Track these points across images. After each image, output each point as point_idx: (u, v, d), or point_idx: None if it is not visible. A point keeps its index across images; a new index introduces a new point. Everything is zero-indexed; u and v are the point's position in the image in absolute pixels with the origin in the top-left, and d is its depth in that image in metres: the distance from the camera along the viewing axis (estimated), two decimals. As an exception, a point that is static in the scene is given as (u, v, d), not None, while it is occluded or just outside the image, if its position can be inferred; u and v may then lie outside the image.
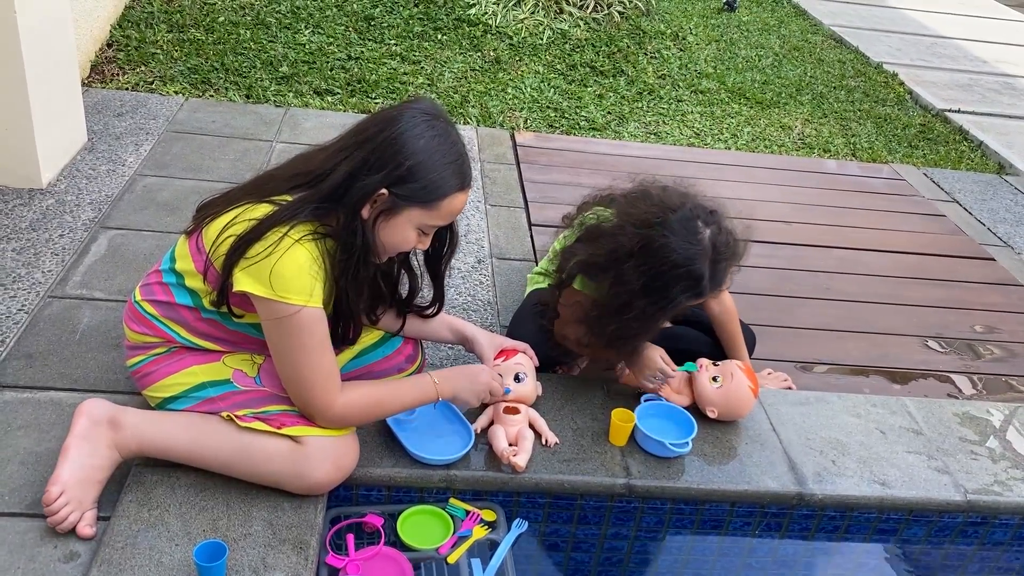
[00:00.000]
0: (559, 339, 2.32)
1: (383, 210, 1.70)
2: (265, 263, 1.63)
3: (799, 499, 2.09)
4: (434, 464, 1.96)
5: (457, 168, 1.72)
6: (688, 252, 1.96)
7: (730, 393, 2.19)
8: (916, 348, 2.85)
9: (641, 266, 1.99)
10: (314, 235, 1.69)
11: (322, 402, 1.72)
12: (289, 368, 1.71)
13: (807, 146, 4.64)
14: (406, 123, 1.68)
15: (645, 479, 2.04)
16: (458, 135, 1.76)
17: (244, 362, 1.84)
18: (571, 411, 2.22)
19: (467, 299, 2.74)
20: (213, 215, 1.76)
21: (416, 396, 1.87)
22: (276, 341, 1.70)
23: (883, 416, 2.38)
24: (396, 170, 1.66)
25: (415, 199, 1.70)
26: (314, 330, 1.68)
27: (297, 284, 1.64)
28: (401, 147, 1.66)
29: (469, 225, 3.18)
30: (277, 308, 1.65)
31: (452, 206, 1.74)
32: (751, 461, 2.14)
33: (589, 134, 4.31)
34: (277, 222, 1.66)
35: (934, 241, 3.61)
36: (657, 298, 2.00)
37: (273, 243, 1.64)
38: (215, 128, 3.62)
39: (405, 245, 1.78)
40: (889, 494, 2.11)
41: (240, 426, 1.74)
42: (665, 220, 2.00)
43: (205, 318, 1.80)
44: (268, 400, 1.78)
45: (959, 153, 4.80)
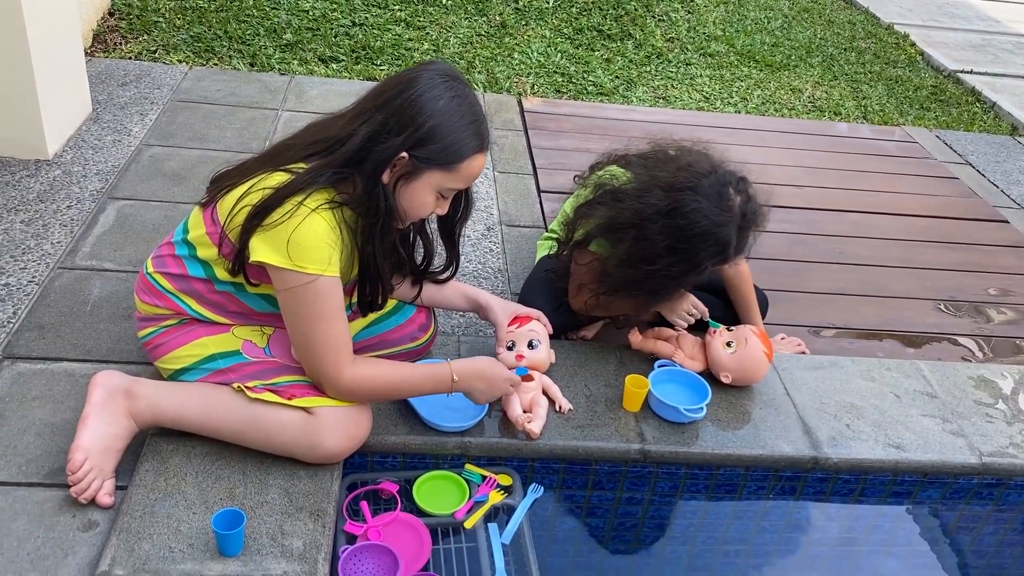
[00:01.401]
0: (572, 303, 2.30)
1: (403, 174, 1.68)
2: (282, 232, 1.62)
3: (814, 463, 2.08)
4: (449, 431, 1.96)
5: (476, 129, 1.70)
6: (719, 219, 1.96)
7: (744, 358, 2.18)
8: (930, 312, 2.83)
9: (669, 227, 1.98)
10: (331, 204, 1.67)
11: (332, 371, 1.71)
12: (301, 336, 1.70)
13: (817, 109, 4.58)
14: (424, 85, 1.66)
15: (659, 444, 2.04)
16: (475, 97, 1.74)
17: (253, 333, 1.83)
18: (585, 377, 2.21)
19: (477, 267, 2.72)
20: (229, 187, 1.75)
21: (430, 387, 1.86)
22: (291, 309, 1.69)
23: (897, 380, 2.37)
24: (416, 132, 1.64)
25: (435, 161, 1.68)
26: (329, 299, 1.67)
27: (314, 253, 1.63)
28: (420, 109, 1.64)
29: (478, 192, 3.16)
30: (293, 277, 1.64)
31: (472, 168, 1.72)
32: (765, 426, 2.14)
33: (597, 99, 4.26)
34: (293, 191, 1.65)
35: (947, 204, 3.58)
36: (681, 259, 2.00)
37: (289, 212, 1.62)
38: (220, 97, 3.59)
39: (424, 210, 1.76)
40: (904, 457, 2.11)
41: (250, 397, 1.74)
42: (697, 185, 1.99)
43: (218, 290, 1.79)
44: (278, 371, 1.78)
45: (972, 115, 4.74)
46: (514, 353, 2.09)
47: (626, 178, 2.16)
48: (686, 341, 2.26)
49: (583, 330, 2.44)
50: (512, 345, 2.11)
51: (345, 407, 1.77)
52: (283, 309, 1.70)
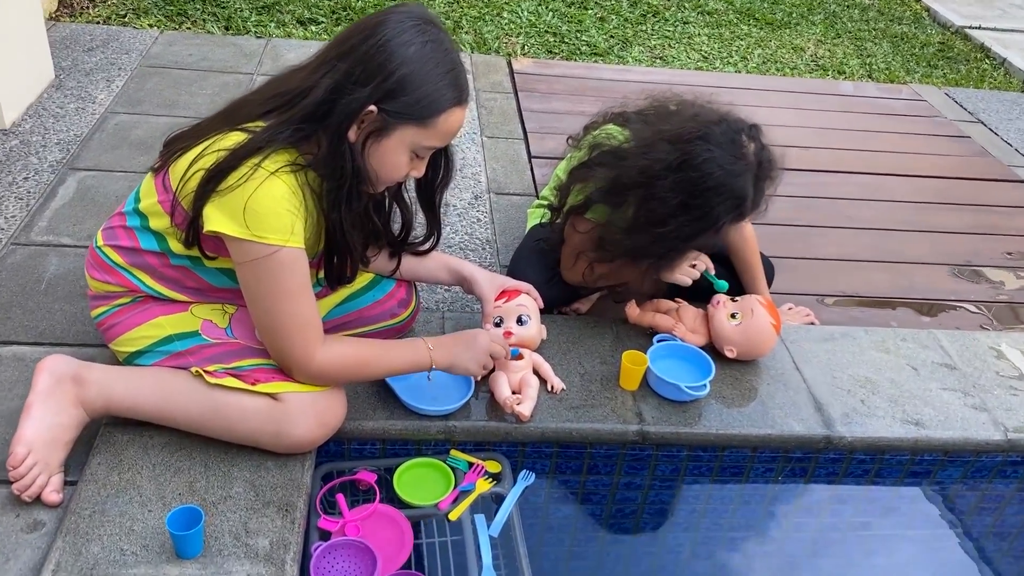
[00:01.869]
0: (565, 274, 2.14)
1: (372, 130, 1.50)
2: (237, 198, 1.45)
3: (827, 443, 1.93)
4: (432, 415, 1.80)
5: (453, 79, 1.52)
6: (734, 168, 1.80)
7: (750, 330, 2.02)
8: (944, 277, 2.67)
9: (681, 181, 1.82)
10: (293, 166, 1.50)
11: (301, 353, 1.55)
12: (264, 315, 1.54)
13: (821, 68, 4.39)
14: (393, 29, 1.47)
15: (659, 425, 1.88)
16: (451, 43, 1.55)
17: (214, 312, 1.67)
18: (578, 354, 2.05)
19: (464, 238, 2.56)
20: (181, 150, 1.57)
21: (407, 361, 1.70)
22: (251, 285, 1.53)
23: (914, 351, 2.22)
24: (385, 82, 1.46)
25: (408, 116, 1.50)
26: (293, 272, 1.51)
27: (274, 221, 1.46)
28: (389, 56, 1.46)
29: (465, 158, 2.98)
30: (252, 249, 1.47)
31: (449, 123, 1.54)
32: (774, 403, 1.98)
33: (590, 59, 4.06)
34: (250, 152, 1.47)
35: (959, 164, 3.40)
36: (695, 217, 1.84)
37: (246, 175, 1.45)
38: (191, 62, 3.40)
39: (397, 171, 1.58)
40: (924, 435, 1.96)
41: (210, 383, 1.58)
42: (708, 133, 1.82)
43: (174, 265, 1.63)
44: (241, 353, 1.62)
45: (981, 72, 4.55)
46: (502, 330, 1.94)
47: (624, 136, 1.99)
48: (687, 313, 2.10)
49: (577, 303, 2.28)
50: (500, 321, 1.95)
51: (315, 392, 1.61)
52: (243, 285, 1.54)
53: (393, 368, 1.71)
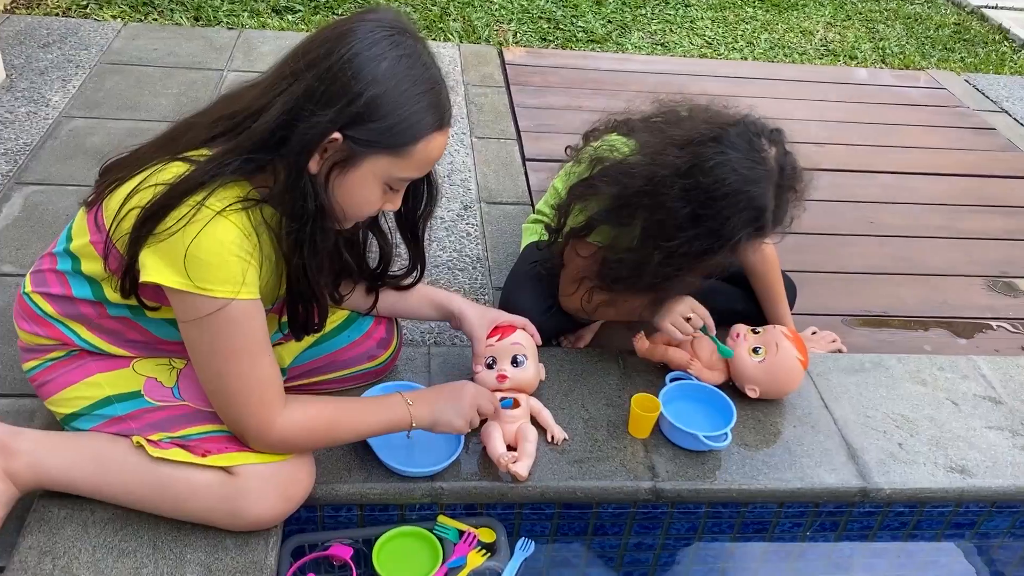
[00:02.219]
0: (562, 301, 1.91)
1: (337, 161, 1.26)
2: (177, 243, 1.22)
3: (862, 495, 1.72)
4: (416, 476, 1.58)
5: (433, 100, 1.28)
6: (752, 173, 1.56)
7: (775, 368, 1.80)
8: (979, 291, 2.44)
9: (691, 188, 1.58)
10: (244, 202, 1.27)
11: (257, 422, 1.33)
12: (214, 379, 1.31)
13: (831, 53, 4.14)
14: (361, 41, 1.23)
15: (675, 480, 1.66)
16: (431, 56, 1.31)
17: (159, 368, 1.44)
18: (581, 395, 1.83)
19: (452, 255, 2.32)
20: (117, 181, 1.33)
21: (383, 420, 1.47)
22: (197, 345, 1.30)
23: (953, 382, 2.00)
24: (351, 105, 1.22)
25: (379, 144, 1.26)
26: (246, 329, 1.28)
27: (222, 271, 1.23)
28: (356, 73, 1.22)
29: (453, 163, 2.74)
30: (197, 303, 1.24)
31: (428, 151, 1.31)
32: (802, 450, 1.76)
33: (588, 47, 3.81)
34: (192, 187, 1.24)
35: (986, 160, 3.17)
36: (708, 230, 1.59)
37: (187, 216, 1.22)
38: (156, 57, 3.13)
39: (368, 207, 1.35)
40: (971, 484, 1.74)
41: (152, 456, 1.35)
42: (722, 135, 1.59)
43: (112, 315, 1.39)
44: (189, 419, 1.39)
45: (1000, 55, 4.30)
46: (495, 372, 1.71)
47: (629, 148, 1.75)
48: (703, 347, 1.87)
49: (579, 332, 2.05)
50: (492, 362, 1.72)
51: (276, 462, 1.39)
52: (188, 344, 1.31)
53: (367, 430, 1.48)
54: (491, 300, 2.17)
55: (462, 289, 2.21)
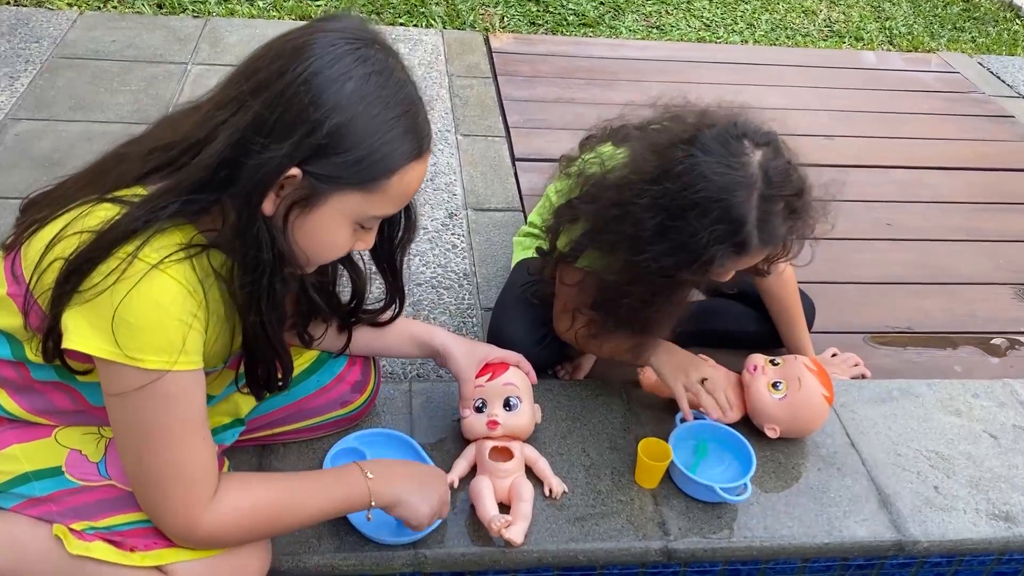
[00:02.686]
0: (557, 328, 1.72)
1: (297, 200, 1.06)
2: (105, 305, 1.01)
3: (897, 549, 1.54)
4: (394, 545, 1.39)
5: (409, 124, 1.07)
6: (725, 179, 1.33)
7: (797, 406, 1.61)
8: (1008, 301, 2.26)
9: (659, 198, 1.37)
10: (187, 248, 1.06)
11: (181, 518, 1.11)
12: (134, 463, 1.10)
13: (836, 34, 3.92)
14: (320, 57, 1.02)
15: (688, 538, 1.48)
16: (405, 71, 1.10)
17: (86, 438, 1.22)
18: (582, 438, 1.64)
19: (436, 272, 2.11)
20: (37, 223, 1.11)
21: (337, 501, 1.25)
22: (120, 422, 1.09)
23: (990, 411, 1.81)
24: (311, 136, 1.01)
25: (346, 179, 1.05)
26: (179, 406, 1.07)
27: (157, 337, 1.03)
28: (315, 97, 1.01)
29: (437, 165, 2.52)
30: (125, 375, 1.03)
31: (405, 185, 1.10)
32: (828, 497, 1.58)
33: (579, 31, 3.58)
34: (123, 235, 1.03)
35: (1007, 151, 2.97)
36: (677, 244, 1.37)
37: (117, 271, 1.01)
38: (115, 50, 2.90)
39: (336, 250, 1.15)
40: (1016, 534, 1.56)
41: (71, 553, 1.14)
42: (696, 137, 1.37)
43: (37, 379, 1.18)
44: (116, 504, 1.18)
45: (1012, 34, 4.09)
46: (485, 418, 1.51)
47: (620, 159, 1.54)
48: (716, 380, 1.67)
49: (577, 360, 1.85)
50: (482, 405, 1.52)
51: (216, 556, 1.17)
52: (111, 419, 1.10)
53: (319, 515, 1.26)
54: (479, 322, 1.97)
55: (447, 310, 2.01)
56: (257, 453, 1.52)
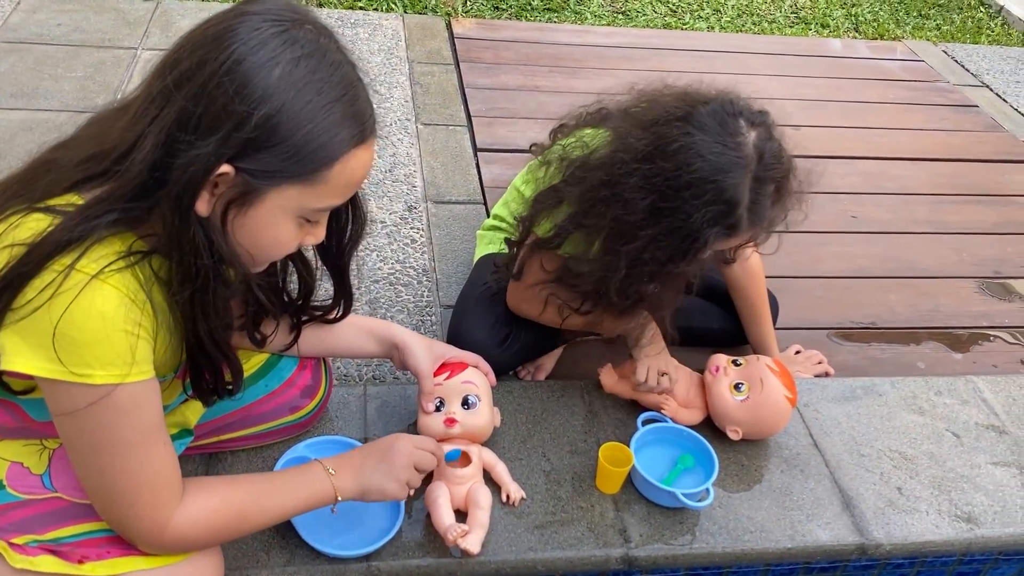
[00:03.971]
0: (510, 302, 1.67)
1: (233, 198, 0.99)
2: (43, 321, 0.94)
3: (860, 551, 1.52)
4: (345, 558, 1.34)
5: (348, 109, 1.00)
6: (722, 159, 1.30)
7: (760, 407, 1.58)
8: (972, 295, 2.25)
9: (651, 177, 1.33)
10: (126, 258, 0.99)
11: (148, 524, 1.07)
12: (95, 477, 1.05)
13: (802, 20, 3.90)
14: (244, 43, 0.95)
15: (649, 544, 1.45)
16: (342, 50, 1.03)
17: (28, 450, 1.16)
18: (542, 442, 1.60)
19: (394, 267, 2.05)
20: None
21: (302, 499, 1.21)
22: (75, 440, 1.03)
23: (953, 409, 1.80)
24: (239, 130, 0.95)
25: (283, 174, 0.99)
26: (136, 417, 1.02)
27: (103, 351, 0.96)
28: (240, 87, 0.94)
29: (396, 155, 2.45)
30: (73, 393, 0.98)
31: (349, 173, 1.04)
32: (791, 500, 1.56)
33: (544, 17, 3.52)
34: (58, 247, 0.96)
35: (971, 141, 2.97)
36: (671, 226, 1.34)
37: (53, 284, 0.94)
38: (60, 34, 2.78)
39: (281, 247, 1.09)
40: (979, 535, 1.55)
41: (14, 567, 1.09)
42: (691, 114, 1.33)
43: None
44: (61, 516, 1.12)
45: (977, 22, 4.09)
46: (443, 416, 1.47)
47: (604, 138, 1.49)
48: (679, 386, 1.64)
49: (539, 361, 1.81)
50: (440, 404, 1.48)
51: (171, 564, 1.13)
52: (64, 440, 1.04)
53: (283, 513, 1.23)
54: (439, 320, 1.92)
55: (406, 308, 1.95)
56: (204, 462, 1.47)
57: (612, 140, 1.45)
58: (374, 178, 2.33)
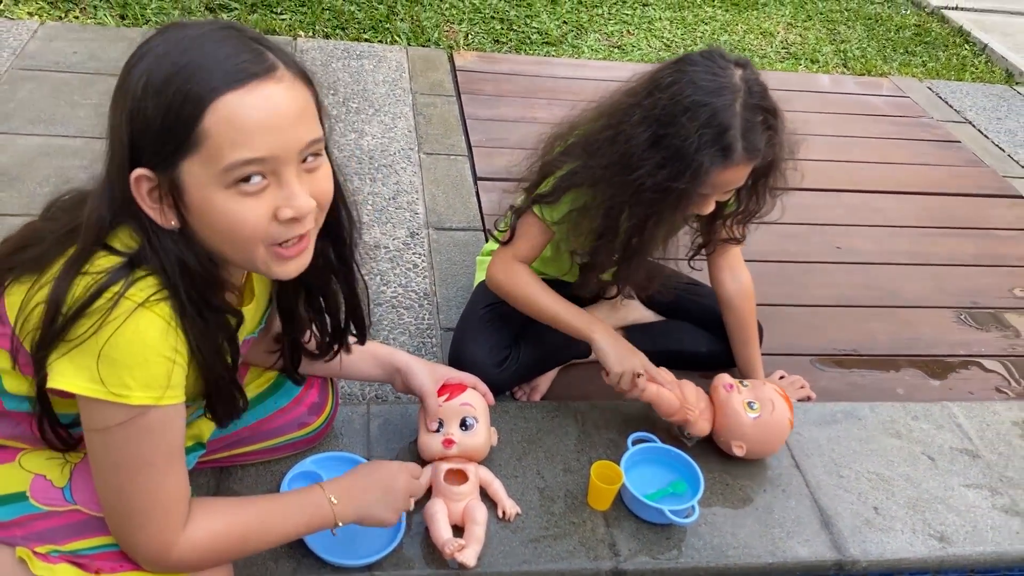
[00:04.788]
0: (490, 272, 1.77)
1: (170, 199, 1.02)
2: (91, 343, 1.01)
3: (837, 568, 1.60)
4: (349, 567, 1.42)
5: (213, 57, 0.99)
6: (712, 84, 1.45)
7: (769, 427, 1.66)
8: (951, 325, 2.34)
9: (651, 108, 1.47)
10: (166, 289, 1.05)
11: (155, 545, 1.13)
12: (114, 494, 1.12)
13: (792, 56, 4.02)
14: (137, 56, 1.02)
15: (637, 558, 1.53)
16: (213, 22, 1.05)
17: (51, 463, 1.23)
18: (535, 461, 1.68)
19: (396, 292, 2.14)
20: (25, 266, 1.11)
21: (302, 523, 1.28)
22: (100, 455, 1.10)
23: (929, 433, 1.89)
24: (124, 137, 1.00)
25: (168, 149, 0.99)
26: (162, 440, 1.09)
27: (142, 374, 1.03)
28: (120, 94, 1.01)
29: (400, 183, 2.55)
30: (107, 412, 1.04)
31: (229, 121, 0.98)
32: (772, 518, 1.64)
33: (542, 51, 3.63)
34: (111, 279, 1.02)
35: (953, 176, 3.07)
36: (670, 153, 1.47)
37: (102, 312, 1.01)
38: (77, 62, 2.88)
39: (240, 225, 1.03)
40: (951, 553, 1.63)
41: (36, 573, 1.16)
42: (684, 56, 1.52)
43: (9, 409, 1.18)
44: (81, 528, 1.19)
45: (961, 59, 4.22)
46: (441, 437, 1.55)
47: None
48: (689, 391, 1.70)
49: (534, 382, 1.89)
50: (439, 426, 1.56)
51: None
52: (90, 453, 1.11)
53: (285, 537, 1.28)
54: (439, 342, 2.01)
55: (407, 330, 2.04)
56: (215, 475, 1.54)
57: (614, 92, 1.60)
58: (377, 205, 2.42)
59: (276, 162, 1.01)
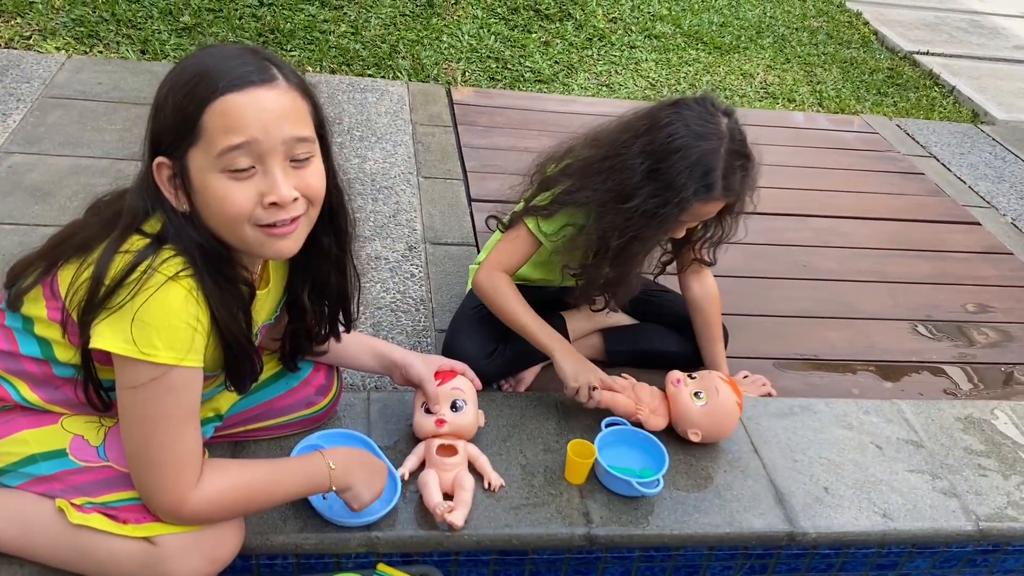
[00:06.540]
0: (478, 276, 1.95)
1: (181, 182, 1.24)
2: (127, 311, 1.20)
3: (789, 539, 1.77)
4: (351, 526, 1.59)
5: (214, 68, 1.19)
6: (702, 130, 1.71)
7: (716, 411, 1.85)
8: (905, 335, 2.54)
9: (647, 145, 1.74)
10: (194, 264, 1.26)
11: (172, 495, 1.30)
12: (137, 444, 1.29)
13: (770, 96, 4.27)
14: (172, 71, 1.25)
15: (608, 526, 1.70)
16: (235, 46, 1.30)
17: (88, 426, 1.41)
18: (519, 442, 1.86)
19: (396, 297, 2.34)
20: (74, 250, 1.31)
21: (303, 485, 1.46)
22: (128, 410, 1.28)
23: (878, 426, 2.07)
24: (154, 121, 1.23)
25: (176, 142, 1.20)
26: (181, 397, 1.27)
27: (168, 336, 1.22)
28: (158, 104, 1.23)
29: (399, 203, 2.76)
30: (138, 370, 1.23)
31: (224, 116, 1.17)
32: (731, 494, 1.81)
33: (535, 87, 3.88)
34: (143, 255, 1.23)
35: (915, 204, 3.30)
36: (661, 186, 1.72)
37: (136, 282, 1.21)
38: (101, 91, 3.12)
39: (228, 205, 1.22)
40: (892, 528, 1.81)
41: (73, 523, 1.34)
42: (681, 100, 1.78)
43: (58, 375, 1.37)
44: (112, 483, 1.37)
45: (931, 100, 4.48)
46: (434, 417, 1.73)
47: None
48: (643, 392, 1.90)
49: (519, 375, 2.08)
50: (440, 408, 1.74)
51: (198, 529, 1.36)
52: (121, 410, 1.29)
53: (287, 495, 1.46)
54: (433, 343, 2.20)
55: (405, 331, 2.23)
56: (231, 448, 1.72)
57: (612, 127, 1.84)
58: (379, 222, 2.63)
59: (260, 147, 1.20)
